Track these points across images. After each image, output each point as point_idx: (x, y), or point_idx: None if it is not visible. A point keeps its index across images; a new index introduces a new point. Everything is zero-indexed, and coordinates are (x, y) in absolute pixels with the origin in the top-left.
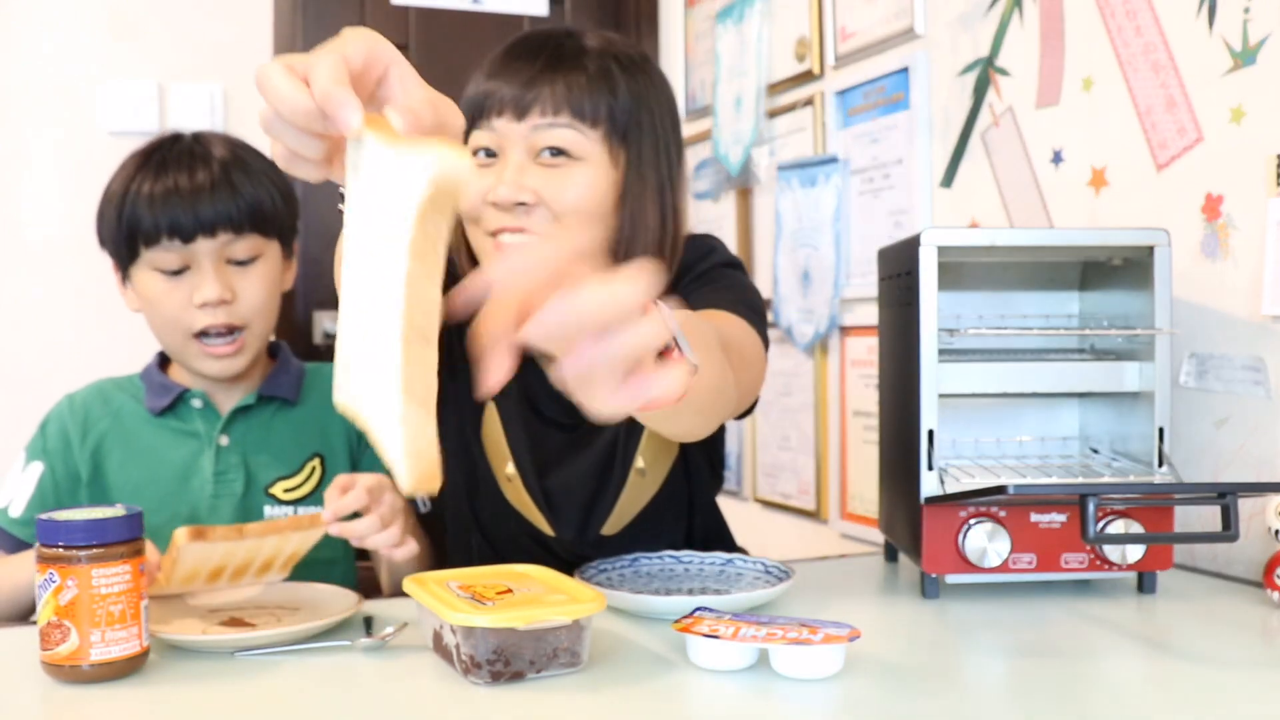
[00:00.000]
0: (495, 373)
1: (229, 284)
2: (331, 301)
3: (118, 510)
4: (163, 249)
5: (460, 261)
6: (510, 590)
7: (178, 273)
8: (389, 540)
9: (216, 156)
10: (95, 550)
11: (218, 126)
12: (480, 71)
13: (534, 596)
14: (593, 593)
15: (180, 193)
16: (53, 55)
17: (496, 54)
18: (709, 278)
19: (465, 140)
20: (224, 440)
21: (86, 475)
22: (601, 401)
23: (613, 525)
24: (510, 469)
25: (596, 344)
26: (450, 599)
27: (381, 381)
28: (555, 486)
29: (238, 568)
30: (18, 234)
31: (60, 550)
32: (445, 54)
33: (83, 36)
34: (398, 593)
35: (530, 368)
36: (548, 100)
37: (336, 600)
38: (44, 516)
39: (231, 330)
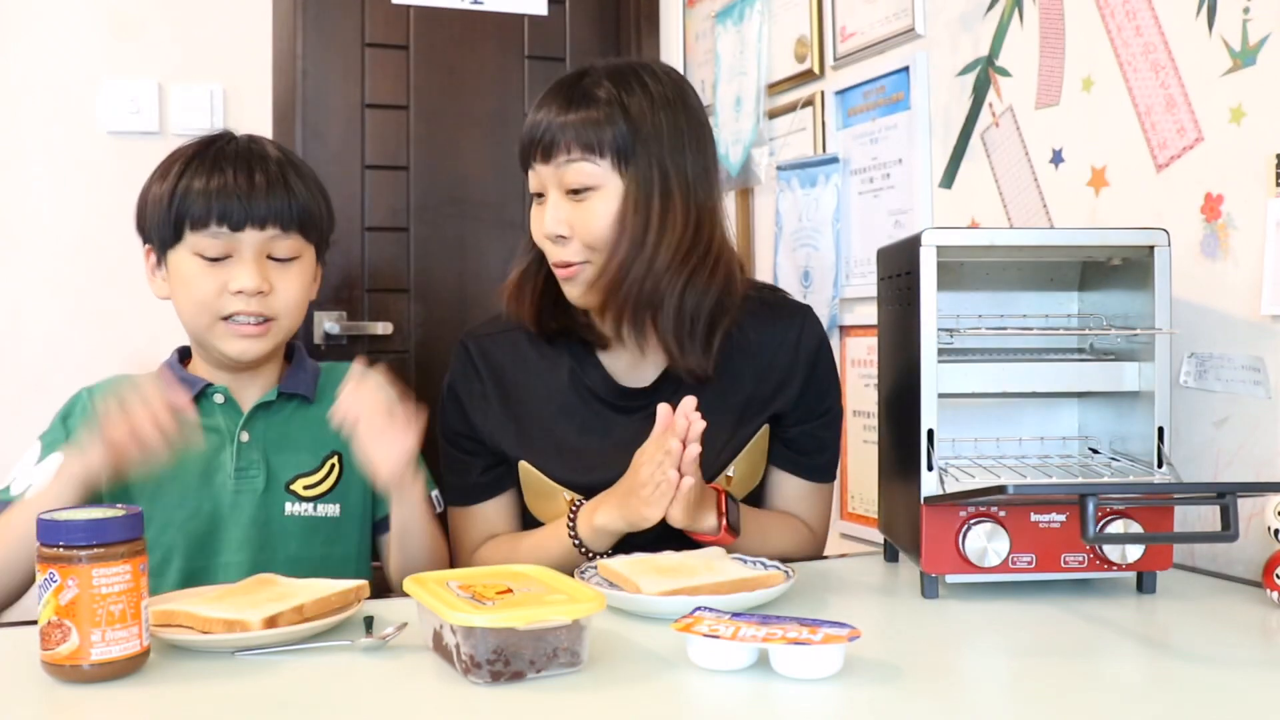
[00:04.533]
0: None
1: (267, 277)
2: (331, 303)
3: (118, 510)
4: (209, 234)
5: (532, 283)
6: (510, 590)
7: (217, 260)
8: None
9: (272, 156)
10: (96, 550)
11: (218, 126)
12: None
13: (534, 596)
14: (593, 592)
15: (239, 185)
16: (53, 55)
17: (538, 98)
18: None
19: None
20: (245, 436)
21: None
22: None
23: None
24: (569, 496)
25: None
26: (450, 599)
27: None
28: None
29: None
30: (17, 233)
31: (60, 550)
32: (445, 54)
33: (83, 36)
34: (399, 592)
35: (594, 369)
36: (563, 141)
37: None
38: (44, 516)
39: (263, 319)
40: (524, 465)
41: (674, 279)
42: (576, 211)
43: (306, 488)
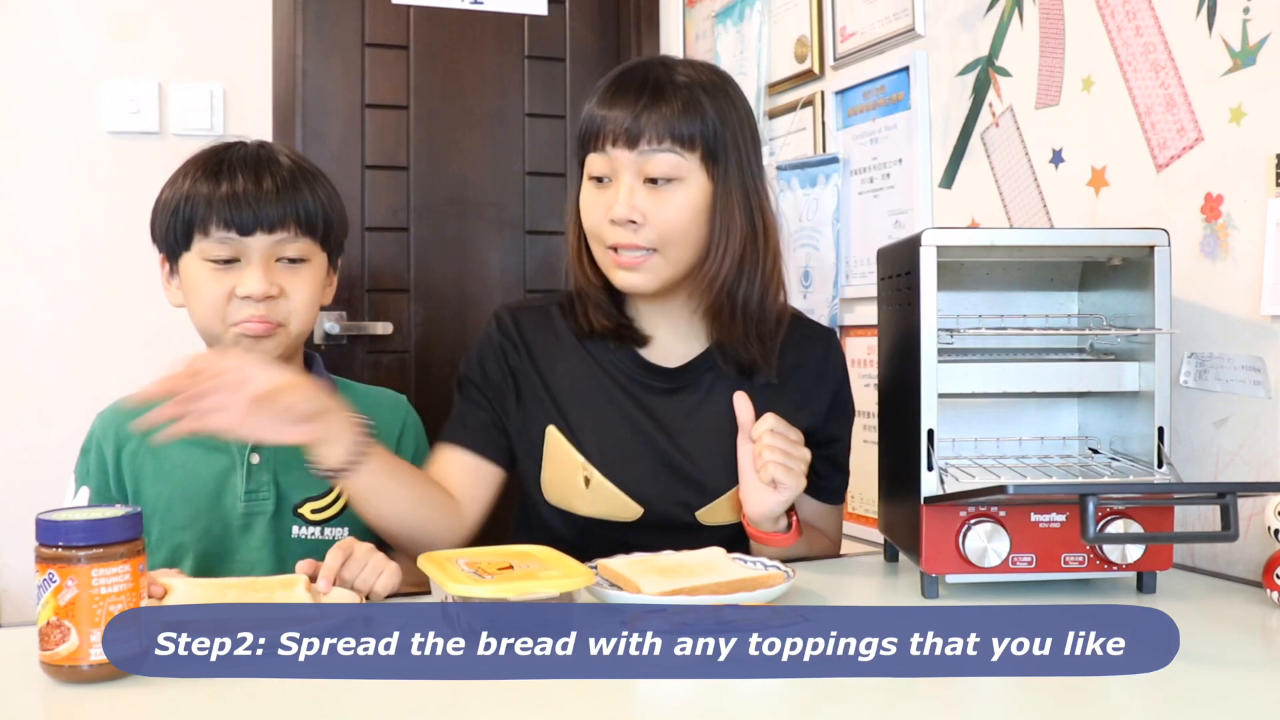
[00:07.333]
0: None
1: (275, 281)
2: (331, 303)
3: (117, 510)
4: (216, 240)
5: (578, 270)
6: (511, 566)
7: (227, 263)
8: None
9: (284, 162)
10: (95, 550)
11: (217, 126)
12: (590, 101)
13: (530, 572)
14: (583, 569)
15: (247, 191)
16: (53, 55)
17: (604, 86)
18: (842, 423)
19: (581, 163)
20: (255, 459)
21: (129, 491)
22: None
23: (710, 516)
24: (586, 473)
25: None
26: (454, 572)
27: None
28: (649, 467)
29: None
30: (17, 233)
31: (60, 550)
32: (445, 54)
33: (83, 36)
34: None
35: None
36: (653, 130)
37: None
38: (43, 516)
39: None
40: (551, 432)
41: (772, 288)
42: (653, 199)
43: (314, 511)
